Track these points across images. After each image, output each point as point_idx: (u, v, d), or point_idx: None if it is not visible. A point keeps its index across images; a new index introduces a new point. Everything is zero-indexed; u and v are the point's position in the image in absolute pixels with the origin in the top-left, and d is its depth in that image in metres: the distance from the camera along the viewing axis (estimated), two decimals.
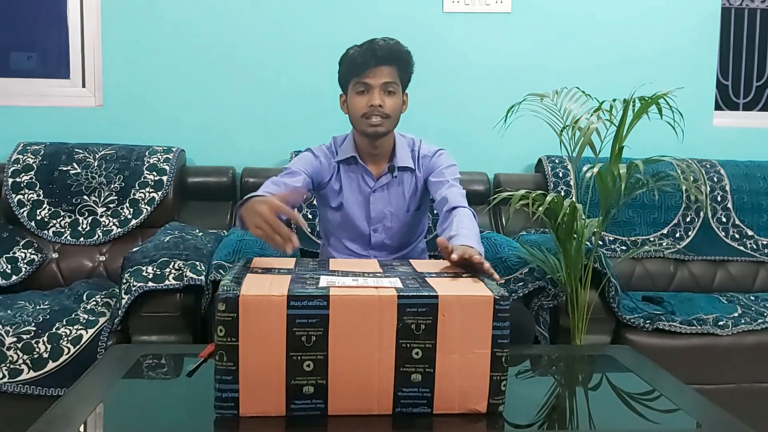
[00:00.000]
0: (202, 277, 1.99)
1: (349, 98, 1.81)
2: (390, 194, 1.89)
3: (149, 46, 2.72)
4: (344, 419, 1.11)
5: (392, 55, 1.76)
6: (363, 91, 1.76)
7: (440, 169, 1.85)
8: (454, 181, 1.83)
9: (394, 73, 1.78)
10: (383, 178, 1.88)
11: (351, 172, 1.89)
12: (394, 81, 1.77)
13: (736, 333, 2.16)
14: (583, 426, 1.24)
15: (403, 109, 1.85)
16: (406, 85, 1.85)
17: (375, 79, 1.75)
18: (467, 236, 1.52)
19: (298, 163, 1.85)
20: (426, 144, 1.93)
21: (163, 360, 1.52)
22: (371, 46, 1.75)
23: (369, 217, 1.90)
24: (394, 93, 1.78)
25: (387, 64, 1.76)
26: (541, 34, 2.82)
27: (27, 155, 2.51)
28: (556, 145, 2.07)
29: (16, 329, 1.90)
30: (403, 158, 1.87)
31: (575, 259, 1.99)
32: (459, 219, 1.65)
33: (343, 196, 1.89)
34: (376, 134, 1.79)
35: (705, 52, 2.89)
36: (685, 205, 2.66)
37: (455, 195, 1.76)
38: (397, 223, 1.90)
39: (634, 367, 1.48)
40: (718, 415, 1.22)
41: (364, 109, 1.76)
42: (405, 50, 1.80)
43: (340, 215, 1.92)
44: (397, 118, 1.82)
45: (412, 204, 1.91)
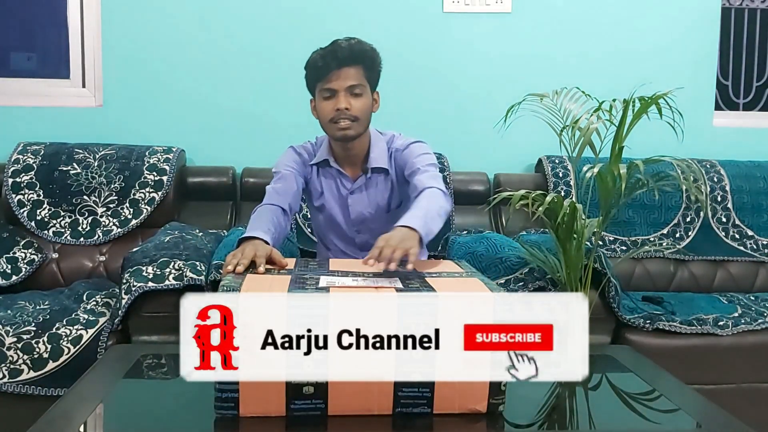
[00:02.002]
0: (202, 277, 1.99)
1: (316, 103, 1.76)
2: (368, 195, 1.85)
3: (149, 46, 2.72)
4: (344, 419, 1.11)
5: (355, 56, 1.70)
6: (329, 96, 1.71)
7: (411, 160, 1.77)
8: (426, 167, 1.74)
9: (360, 74, 1.71)
10: (359, 179, 1.84)
11: (328, 175, 1.86)
12: (359, 83, 1.71)
13: (736, 333, 2.15)
14: (583, 426, 1.24)
15: (374, 109, 1.79)
16: (376, 84, 1.78)
17: (339, 83, 1.69)
18: (409, 216, 1.47)
19: (285, 163, 1.83)
20: (402, 138, 1.86)
21: (163, 360, 1.52)
22: (333, 49, 1.69)
23: (349, 220, 1.88)
24: (361, 95, 1.72)
25: (351, 65, 1.69)
26: (541, 34, 2.82)
27: (27, 155, 2.51)
28: (556, 145, 2.07)
29: (17, 329, 1.90)
30: (377, 159, 1.82)
31: (575, 260, 1.99)
32: (417, 199, 1.59)
33: (324, 198, 1.87)
34: (345, 138, 1.74)
35: (705, 52, 2.89)
36: (685, 205, 2.66)
37: (423, 179, 1.68)
38: (380, 223, 1.84)
39: (634, 367, 1.48)
40: (719, 416, 1.22)
41: (332, 113, 1.71)
42: (369, 48, 1.73)
43: (323, 216, 1.91)
44: (367, 119, 1.76)
45: (393, 202, 1.86)
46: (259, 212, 1.68)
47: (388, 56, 1.77)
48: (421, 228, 1.42)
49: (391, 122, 1.94)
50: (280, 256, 1.40)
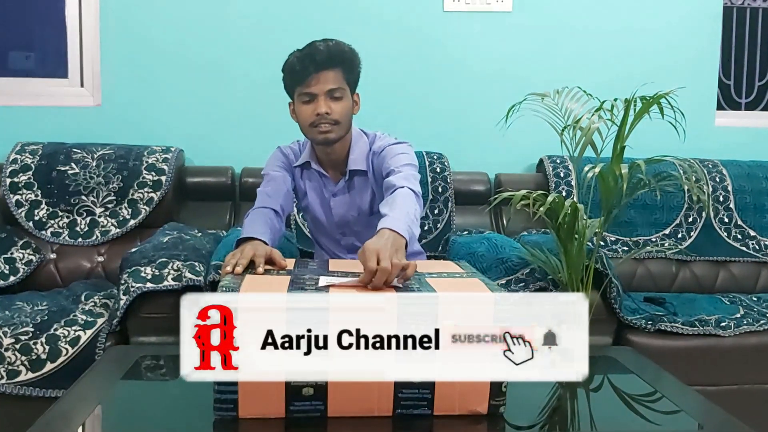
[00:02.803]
0: (200, 278, 1.98)
1: (296, 107, 1.72)
2: (350, 198, 1.83)
3: (148, 45, 2.72)
4: (344, 421, 1.10)
5: (333, 58, 1.66)
6: (308, 101, 1.67)
7: (388, 161, 1.71)
8: (401, 167, 1.67)
9: (339, 76, 1.67)
10: (341, 182, 1.82)
11: (312, 177, 1.85)
12: (339, 86, 1.67)
13: (738, 334, 2.15)
14: (584, 427, 1.24)
15: (354, 111, 1.76)
16: (355, 86, 1.75)
17: (318, 86, 1.65)
18: (392, 217, 1.40)
19: (273, 164, 1.82)
20: (383, 138, 1.81)
21: (161, 361, 1.52)
22: (310, 51, 1.65)
23: (333, 222, 1.86)
24: (341, 98, 1.68)
25: (329, 68, 1.65)
26: (541, 34, 2.81)
27: (25, 155, 2.50)
28: (557, 145, 2.06)
29: (14, 330, 1.89)
30: (356, 161, 1.79)
31: (576, 260, 1.98)
32: (392, 199, 1.52)
33: (308, 200, 1.87)
34: (326, 141, 1.71)
35: (707, 51, 2.89)
36: (687, 206, 2.65)
37: (397, 179, 1.61)
38: (363, 226, 1.83)
39: (636, 368, 1.47)
40: (720, 417, 1.22)
41: (312, 118, 1.67)
42: (347, 50, 1.69)
43: (309, 217, 1.91)
44: (348, 122, 1.73)
45: (375, 205, 1.81)
46: (252, 216, 1.67)
47: (388, 56, 1.77)
48: (406, 232, 1.36)
49: (391, 122, 1.94)
50: (280, 257, 1.39)
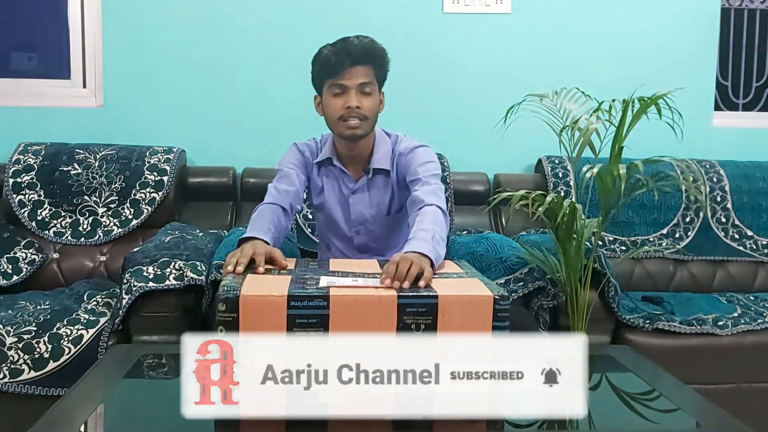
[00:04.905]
0: (202, 278, 1.99)
1: (324, 100, 1.74)
2: (370, 196, 1.84)
3: (150, 46, 2.72)
4: (344, 422, 1.11)
5: (367, 54, 1.69)
6: (339, 93, 1.69)
7: (414, 167, 1.74)
8: (428, 178, 1.71)
9: (370, 72, 1.71)
10: (362, 180, 1.83)
11: (331, 173, 1.85)
12: (370, 81, 1.70)
13: (735, 333, 2.16)
14: (582, 426, 1.24)
15: (380, 109, 1.78)
16: (382, 84, 1.78)
17: (351, 80, 1.68)
18: (417, 239, 1.43)
19: (288, 160, 1.83)
20: (407, 140, 1.84)
21: (163, 360, 1.53)
22: (345, 46, 1.68)
23: (349, 220, 1.86)
24: (370, 93, 1.71)
25: (362, 64, 1.69)
26: (540, 35, 2.82)
27: (28, 155, 2.51)
28: (555, 145, 2.07)
29: (17, 329, 1.90)
30: (379, 159, 1.81)
31: (575, 260, 1.99)
32: (420, 219, 1.55)
33: (325, 196, 1.86)
34: (354, 136, 1.73)
35: (704, 52, 2.89)
36: (685, 206, 2.66)
37: (425, 193, 1.65)
38: (379, 225, 1.85)
39: (634, 367, 1.48)
40: (718, 415, 1.23)
41: (341, 111, 1.69)
42: (380, 48, 1.73)
43: (323, 215, 1.90)
44: (374, 119, 1.75)
45: (393, 206, 1.84)
46: (260, 212, 1.68)
47: (388, 56, 1.78)
48: (431, 253, 1.38)
49: (391, 122, 1.94)
50: (280, 256, 1.40)
